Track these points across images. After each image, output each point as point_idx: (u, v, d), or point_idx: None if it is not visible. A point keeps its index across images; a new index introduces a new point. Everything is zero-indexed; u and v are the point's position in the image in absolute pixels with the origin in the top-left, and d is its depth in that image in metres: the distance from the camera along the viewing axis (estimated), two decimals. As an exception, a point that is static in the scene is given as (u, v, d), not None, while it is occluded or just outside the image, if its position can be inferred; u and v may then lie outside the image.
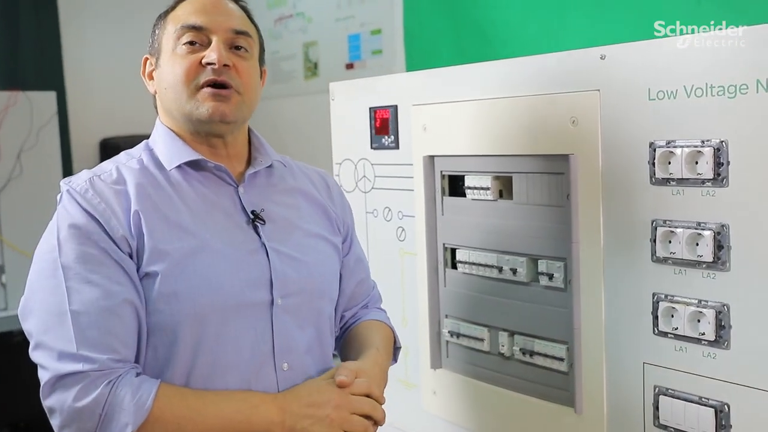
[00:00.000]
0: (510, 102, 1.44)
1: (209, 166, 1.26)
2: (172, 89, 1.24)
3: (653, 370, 1.28)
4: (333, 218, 1.41)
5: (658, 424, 1.27)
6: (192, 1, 1.28)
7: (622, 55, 1.27)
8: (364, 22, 3.18)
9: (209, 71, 1.22)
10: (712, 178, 1.16)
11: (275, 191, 1.34)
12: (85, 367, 1.09)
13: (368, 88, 1.80)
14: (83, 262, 1.14)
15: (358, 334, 1.43)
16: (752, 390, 1.15)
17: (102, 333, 1.11)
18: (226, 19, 1.26)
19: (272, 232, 1.27)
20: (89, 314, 1.12)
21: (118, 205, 1.18)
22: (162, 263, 1.16)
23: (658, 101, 1.21)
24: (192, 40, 1.24)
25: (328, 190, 1.45)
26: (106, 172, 1.24)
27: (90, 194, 1.18)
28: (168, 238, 1.18)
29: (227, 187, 1.28)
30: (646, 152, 1.24)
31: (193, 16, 1.25)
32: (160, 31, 1.29)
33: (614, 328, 1.32)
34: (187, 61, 1.23)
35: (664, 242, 1.23)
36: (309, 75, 3.51)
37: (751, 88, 1.10)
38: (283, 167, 1.39)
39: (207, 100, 1.23)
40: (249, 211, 1.26)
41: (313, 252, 1.33)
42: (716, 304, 1.18)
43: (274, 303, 1.24)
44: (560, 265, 1.39)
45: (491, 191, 1.50)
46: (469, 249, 1.57)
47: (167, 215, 1.20)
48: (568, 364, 1.41)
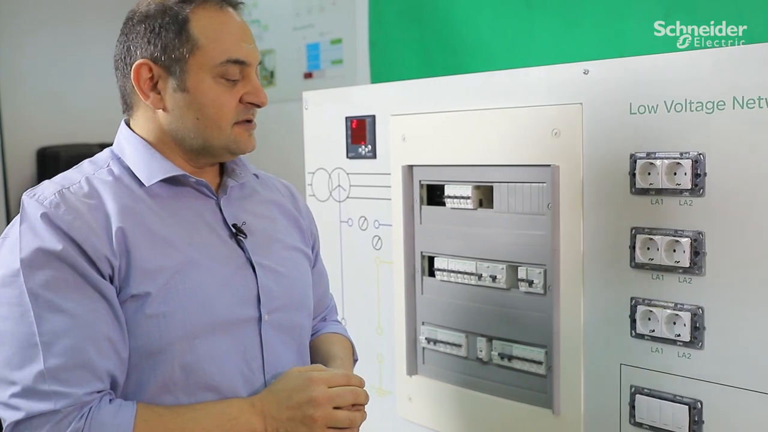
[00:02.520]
0: (493, 113, 1.49)
1: (191, 181, 1.21)
2: (211, 123, 1.17)
3: (630, 371, 1.34)
4: (304, 229, 1.40)
5: (633, 422, 1.34)
6: (222, 20, 1.18)
7: (604, 70, 1.33)
8: (323, 31, 3.20)
9: (248, 110, 1.20)
10: (690, 188, 1.23)
11: (251, 203, 1.31)
12: (57, 405, 1.01)
13: (343, 97, 1.82)
14: (54, 289, 1.05)
15: (320, 346, 1.42)
16: (725, 387, 1.22)
17: (76, 366, 1.04)
18: (256, 50, 1.22)
19: (254, 246, 1.24)
20: (62, 346, 1.03)
21: (95, 221, 1.09)
22: (151, 284, 1.10)
23: (639, 115, 1.28)
24: (237, 77, 1.18)
25: (294, 200, 1.43)
26: (75, 183, 1.14)
27: (62, 210, 1.08)
28: (155, 255, 1.12)
29: (208, 200, 1.23)
30: (627, 163, 1.30)
31: (237, 47, 1.17)
32: (176, 40, 1.16)
33: (592, 330, 1.38)
34: (231, 98, 1.17)
35: (643, 249, 1.29)
36: (265, 84, 3.51)
37: (728, 104, 1.18)
38: (255, 178, 1.36)
39: (245, 136, 1.20)
40: (231, 225, 1.23)
41: (292, 265, 1.31)
42: (692, 307, 1.25)
43: (261, 319, 1.21)
44: (540, 272, 1.45)
45: (471, 200, 1.55)
46: (447, 257, 1.61)
47: (153, 230, 1.14)
48: (547, 367, 1.46)
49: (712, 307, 1.23)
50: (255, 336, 1.21)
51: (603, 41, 2.15)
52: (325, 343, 1.43)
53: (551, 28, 2.26)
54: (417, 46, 2.69)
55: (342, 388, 1.17)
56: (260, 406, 1.15)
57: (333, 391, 1.16)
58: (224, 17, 1.18)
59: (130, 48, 1.18)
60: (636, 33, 2.06)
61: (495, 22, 2.42)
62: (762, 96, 1.14)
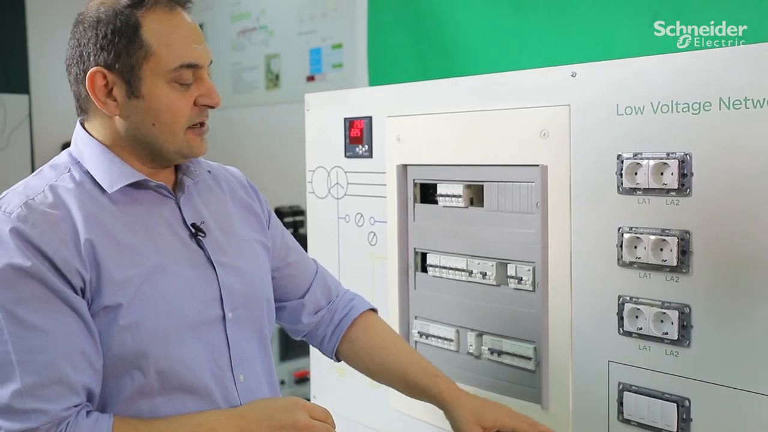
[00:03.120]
0: (483, 115, 1.52)
1: (151, 185, 1.20)
2: (167, 127, 1.16)
3: (618, 368, 1.36)
4: (259, 215, 1.40)
5: (621, 418, 1.35)
6: (172, 23, 1.16)
7: (592, 73, 1.35)
8: (325, 36, 3.25)
9: (202, 112, 1.19)
10: (676, 188, 1.25)
11: (207, 199, 1.30)
12: (36, 422, 1.02)
13: (342, 99, 1.86)
14: (26, 305, 1.05)
15: (388, 355, 1.45)
16: (712, 385, 1.24)
17: (53, 382, 1.04)
18: (207, 50, 1.20)
19: (214, 244, 1.25)
20: (37, 363, 1.04)
21: (63, 233, 1.09)
22: (122, 294, 1.11)
23: (626, 116, 1.30)
24: (190, 80, 1.17)
25: (245, 187, 1.42)
26: (39, 193, 1.12)
27: (30, 223, 1.07)
28: (123, 265, 1.12)
29: (167, 201, 1.23)
30: (614, 164, 1.32)
31: (190, 51, 1.16)
32: (129, 46, 1.13)
33: (581, 328, 1.40)
34: (185, 102, 1.17)
35: (630, 248, 1.31)
36: (271, 86, 3.56)
37: (714, 105, 1.20)
38: (209, 174, 1.35)
39: (197, 141, 1.20)
40: (190, 225, 1.23)
41: (250, 258, 1.31)
42: (679, 306, 1.26)
43: (225, 317, 1.22)
44: (529, 269, 1.47)
45: (463, 199, 1.58)
46: (439, 253, 1.64)
47: (119, 239, 1.13)
48: (536, 363, 1.48)
49: (699, 305, 1.25)
50: (221, 335, 1.22)
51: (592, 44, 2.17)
52: (390, 347, 1.47)
53: (541, 32, 2.30)
54: (413, 51, 2.74)
55: (321, 423, 1.17)
56: (240, 419, 1.15)
57: (313, 422, 1.16)
58: (175, 20, 1.16)
59: (83, 54, 1.15)
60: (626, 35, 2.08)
61: (487, 26, 2.45)
62: (748, 97, 1.16)
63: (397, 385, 1.46)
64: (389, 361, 1.44)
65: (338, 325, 1.47)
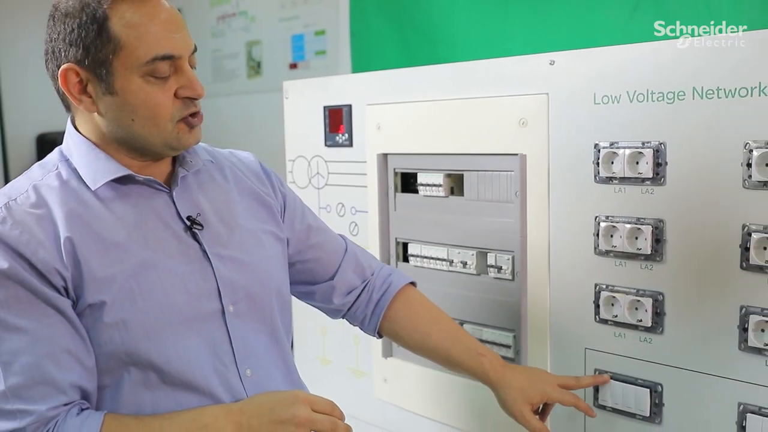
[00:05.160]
0: (462, 103, 1.52)
1: (138, 179, 1.17)
2: (148, 122, 1.12)
3: (594, 355, 1.38)
4: (270, 204, 1.35)
5: (597, 404, 1.38)
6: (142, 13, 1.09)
7: (570, 61, 1.36)
8: (308, 23, 3.23)
9: (189, 104, 1.14)
10: (651, 177, 1.26)
11: (208, 191, 1.26)
12: (22, 423, 1.02)
13: (322, 87, 1.85)
14: (6, 307, 1.04)
15: (430, 333, 1.42)
16: (684, 371, 1.26)
17: (37, 382, 1.04)
18: (187, 38, 1.14)
19: (212, 237, 1.21)
20: (20, 364, 1.03)
21: (43, 233, 1.07)
22: (106, 292, 1.09)
23: (603, 105, 1.31)
24: (168, 73, 1.11)
25: (259, 174, 1.38)
26: (22, 194, 1.11)
27: (9, 225, 1.06)
28: (106, 263, 1.09)
29: (160, 194, 1.19)
30: (591, 153, 1.33)
31: (163, 42, 1.10)
32: (97, 41, 1.09)
33: (558, 316, 1.42)
34: (165, 95, 1.12)
35: (606, 236, 1.32)
36: (252, 74, 3.54)
37: (688, 94, 1.21)
38: (211, 163, 1.31)
39: (186, 132, 1.15)
40: (185, 218, 1.19)
41: (254, 249, 1.27)
42: (653, 293, 1.28)
43: (225, 311, 1.19)
44: (509, 258, 1.48)
45: (443, 188, 1.58)
46: (420, 243, 1.65)
47: (103, 236, 1.11)
48: (515, 351, 1.50)
49: (672, 293, 1.27)
50: (221, 329, 1.19)
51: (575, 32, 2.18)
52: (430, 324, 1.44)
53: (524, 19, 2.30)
54: (396, 37, 2.73)
55: (325, 416, 1.12)
56: (238, 414, 1.11)
57: (316, 415, 1.11)
58: (146, 8, 1.09)
59: (55, 50, 1.11)
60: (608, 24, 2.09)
61: (471, 13, 2.45)
62: (720, 87, 1.17)
63: (442, 363, 1.45)
64: (431, 340, 1.42)
65: (377, 305, 1.44)
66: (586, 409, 1.34)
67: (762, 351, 1.16)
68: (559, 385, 1.35)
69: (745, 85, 1.15)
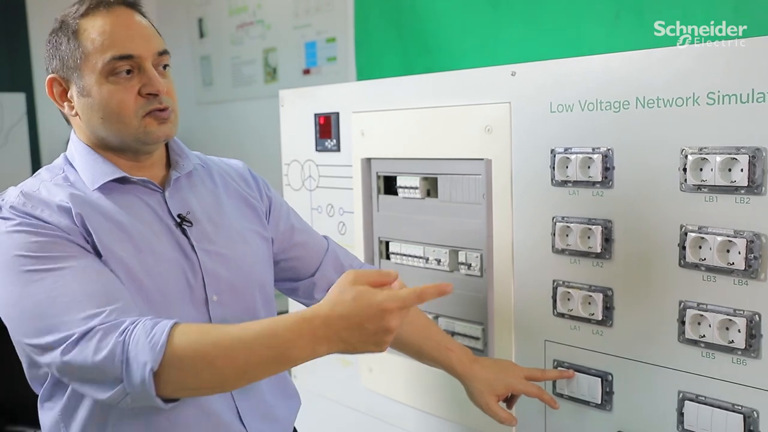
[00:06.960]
0: (435, 111, 1.62)
1: (134, 180, 1.29)
2: (115, 120, 1.25)
3: (553, 347, 1.47)
4: (256, 206, 1.46)
5: (555, 392, 1.47)
6: (106, 22, 1.24)
7: (529, 72, 1.45)
8: (320, 30, 3.35)
9: (152, 100, 1.25)
10: (600, 180, 1.35)
11: (198, 192, 1.38)
12: (94, 322, 1.08)
13: (313, 96, 1.97)
14: (49, 249, 1.14)
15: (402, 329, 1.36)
16: (631, 361, 1.35)
17: (97, 294, 1.11)
18: (149, 41, 1.26)
19: (200, 233, 1.31)
20: (78, 284, 1.12)
21: (58, 210, 1.20)
22: (114, 263, 1.19)
23: (558, 113, 1.41)
24: (127, 70, 1.23)
25: (247, 179, 1.50)
26: (35, 189, 1.24)
27: (30, 205, 1.19)
28: (112, 238, 1.21)
29: (154, 194, 1.31)
30: (548, 158, 1.43)
31: (120, 44, 1.23)
32: (69, 50, 1.25)
33: (521, 310, 1.51)
34: (127, 93, 1.24)
35: (562, 236, 1.42)
36: (269, 79, 3.67)
37: (632, 104, 1.30)
38: (202, 168, 1.43)
39: (153, 126, 1.26)
40: (175, 215, 1.30)
41: (240, 246, 1.37)
42: (603, 289, 1.37)
43: (209, 300, 1.29)
44: (477, 256, 1.58)
45: (419, 190, 1.69)
46: (400, 242, 1.76)
47: (108, 215, 1.23)
48: (484, 343, 1.60)
49: (620, 288, 1.35)
50: (205, 316, 1.29)
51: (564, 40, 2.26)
52: None
53: (515, 28, 2.38)
54: (397, 45, 2.83)
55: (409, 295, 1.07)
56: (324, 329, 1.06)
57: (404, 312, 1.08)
58: (110, 18, 1.24)
59: (46, 64, 1.30)
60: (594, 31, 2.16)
61: (467, 24, 2.54)
62: (660, 96, 1.26)
63: (414, 357, 1.55)
64: (403, 335, 1.51)
65: None
66: (549, 401, 1.44)
67: (697, 342, 1.24)
68: (526, 377, 1.46)
69: (681, 95, 1.23)
